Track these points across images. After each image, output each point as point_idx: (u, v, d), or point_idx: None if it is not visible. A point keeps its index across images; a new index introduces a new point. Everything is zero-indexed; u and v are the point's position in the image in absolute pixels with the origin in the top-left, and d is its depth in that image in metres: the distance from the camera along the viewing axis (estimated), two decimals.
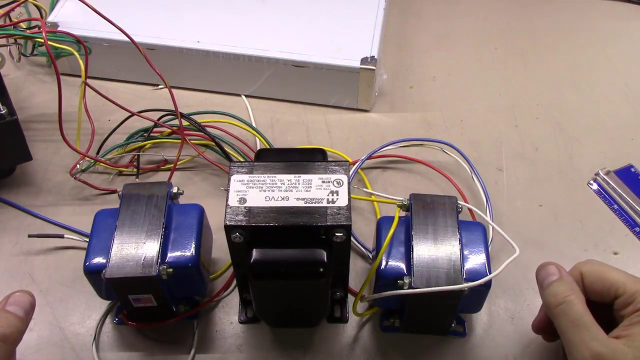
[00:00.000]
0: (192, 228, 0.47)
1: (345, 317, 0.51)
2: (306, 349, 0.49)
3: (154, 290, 0.45)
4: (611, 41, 0.73)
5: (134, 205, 0.46)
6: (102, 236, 0.46)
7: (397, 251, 0.46)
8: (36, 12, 0.63)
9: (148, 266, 0.43)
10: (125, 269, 0.43)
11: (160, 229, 0.45)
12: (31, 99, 0.65)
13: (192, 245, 0.46)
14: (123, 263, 0.43)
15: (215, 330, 0.50)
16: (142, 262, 0.44)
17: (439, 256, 0.44)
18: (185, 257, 0.45)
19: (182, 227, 0.47)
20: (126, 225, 0.45)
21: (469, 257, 0.45)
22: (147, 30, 0.62)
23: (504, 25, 0.74)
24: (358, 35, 0.63)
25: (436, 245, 0.45)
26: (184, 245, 0.46)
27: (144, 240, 0.45)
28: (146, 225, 0.45)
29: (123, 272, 0.43)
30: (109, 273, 0.43)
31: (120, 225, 0.45)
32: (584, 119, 0.65)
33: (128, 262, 0.44)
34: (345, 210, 0.41)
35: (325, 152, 0.48)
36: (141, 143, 0.60)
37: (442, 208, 0.47)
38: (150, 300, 0.45)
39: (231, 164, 0.44)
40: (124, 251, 0.44)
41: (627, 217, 0.57)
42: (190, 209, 0.48)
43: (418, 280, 0.43)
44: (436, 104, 0.66)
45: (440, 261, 0.44)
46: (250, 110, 0.64)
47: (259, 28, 0.64)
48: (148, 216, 0.46)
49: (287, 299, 0.46)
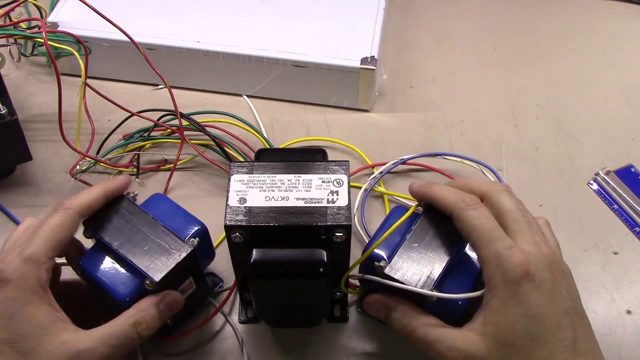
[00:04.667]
0: (176, 207, 0.48)
1: (345, 317, 0.51)
2: (306, 349, 0.49)
3: (194, 266, 0.45)
4: (611, 41, 0.73)
5: (112, 226, 0.45)
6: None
7: (392, 240, 0.45)
8: (36, 12, 0.63)
9: (179, 247, 0.43)
10: (164, 263, 0.43)
11: (156, 223, 0.45)
12: (31, 99, 0.65)
13: (190, 217, 0.47)
14: (155, 262, 0.43)
15: (215, 330, 0.50)
16: (171, 249, 0.43)
17: (423, 258, 0.44)
18: (195, 226, 0.46)
19: (167, 213, 0.47)
20: (124, 241, 0.44)
21: (454, 276, 0.44)
22: (147, 30, 0.62)
23: (504, 25, 0.74)
24: (358, 35, 0.63)
25: (427, 248, 0.44)
26: (185, 221, 0.47)
27: (150, 240, 0.44)
28: (141, 230, 0.44)
29: (166, 266, 0.43)
30: (154, 277, 0.42)
31: (119, 245, 0.44)
32: (584, 119, 0.65)
33: (160, 258, 0.43)
34: (345, 210, 0.41)
35: (325, 152, 0.48)
36: (141, 143, 0.59)
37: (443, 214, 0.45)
38: (191, 285, 0.46)
39: (231, 164, 0.44)
40: (150, 252, 0.43)
41: (627, 217, 0.57)
42: (157, 199, 0.48)
43: (391, 269, 0.43)
44: (436, 104, 0.66)
45: (422, 262, 0.43)
46: (255, 111, 0.64)
47: (259, 28, 0.64)
48: (134, 223, 0.45)
49: (287, 298, 0.46)
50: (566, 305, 0.39)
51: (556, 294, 0.39)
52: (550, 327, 0.38)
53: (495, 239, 0.40)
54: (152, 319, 0.42)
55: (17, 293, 0.39)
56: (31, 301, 0.40)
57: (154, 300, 0.43)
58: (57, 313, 0.41)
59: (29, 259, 0.40)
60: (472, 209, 0.42)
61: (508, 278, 0.39)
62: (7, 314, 0.39)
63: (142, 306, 0.43)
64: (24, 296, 0.39)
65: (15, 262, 0.40)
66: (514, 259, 0.39)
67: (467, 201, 0.42)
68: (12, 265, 0.40)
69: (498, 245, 0.40)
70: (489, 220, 0.41)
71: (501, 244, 0.40)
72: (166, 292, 0.44)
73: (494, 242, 0.40)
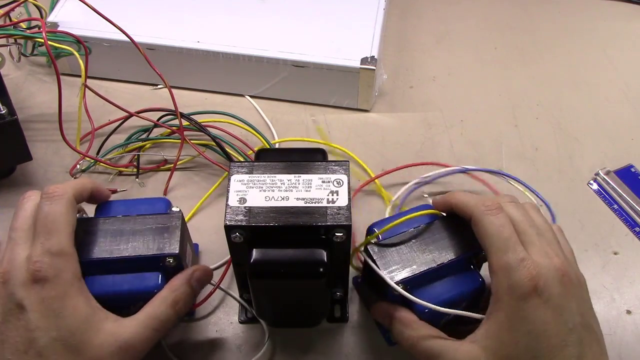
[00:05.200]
0: (131, 201, 0.47)
1: (345, 317, 0.51)
2: (306, 349, 0.49)
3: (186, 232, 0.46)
4: (611, 41, 0.73)
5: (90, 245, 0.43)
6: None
7: (399, 229, 0.45)
8: (36, 12, 0.63)
9: (169, 218, 0.44)
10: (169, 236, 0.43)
11: (130, 217, 0.45)
12: (31, 99, 0.65)
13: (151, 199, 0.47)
14: (161, 241, 0.43)
15: (215, 330, 0.50)
16: (165, 224, 0.44)
17: (410, 254, 0.43)
18: (161, 201, 0.47)
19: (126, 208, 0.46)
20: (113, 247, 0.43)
21: (437, 286, 0.43)
22: (147, 30, 0.62)
23: (504, 25, 0.74)
24: (358, 35, 0.63)
25: (422, 249, 0.44)
26: (149, 203, 0.46)
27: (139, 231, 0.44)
28: (123, 231, 0.44)
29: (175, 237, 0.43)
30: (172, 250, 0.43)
31: (114, 252, 0.43)
32: (584, 119, 0.65)
33: (162, 235, 0.43)
34: (345, 210, 0.41)
35: (325, 152, 0.48)
36: (141, 143, 0.60)
37: (455, 222, 0.45)
38: (191, 252, 0.47)
39: (231, 164, 0.44)
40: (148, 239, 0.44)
41: (627, 217, 0.57)
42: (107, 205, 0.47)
43: (373, 248, 0.44)
44: (436, 104, 0.66)
45: (406, 257, 0.43)
46: (260, 110, 0.64)
47: (259, 28, 0.64)
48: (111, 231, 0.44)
49: (287, 298, 0.46)
50: (574, 321, 0.38)
51: (565, 310, 0.38)
52: (555, 346, 0.37)
53: (508, 248, 0.39)
54: (187, 296, 0.43)
55: (57, 290, 0.38)
56: (73, 295, 0.39)
57: (184, 277, 0.43)
58: (94, 302, 0.40)
59: (59, 254, 0.39)
60: (491, 214, 0.41)
61: (515, 292, 0.38)
62: (53, 313, 0.38)
63: (174, 285, 0.43)
64: (64, 292, 0.39)
65: (47, 259, 0.39)
66: (524, 272, 0.38)
67: (489, 205, 0.41)
68: (46, 264, 0.39)
69: (509, 255, 0.39)
70: (505, 228, 0.40)
71: (513, 255, 0.39)
72: (194, 267, 0.44)
73: (506, 252, 0.39)
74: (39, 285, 0.38)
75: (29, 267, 0.39)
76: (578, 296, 0.39)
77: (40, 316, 0.38)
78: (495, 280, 0.39)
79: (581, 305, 0.39)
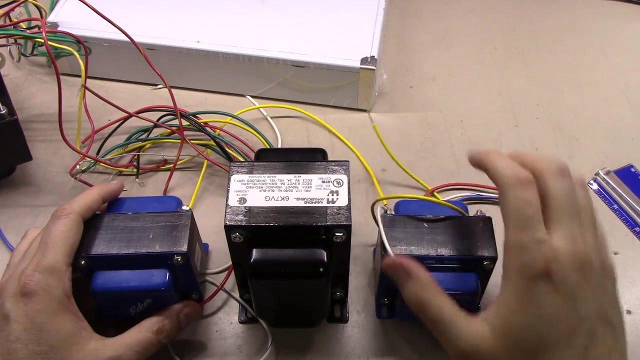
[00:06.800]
0: (142, 198, 0.48)
1: (345, 317, 0.51)
2: (306, 349, 0.49)
3: (196, 230, 0.47)
4: (611, 41, 0.73)
5: (101, 240, 0.44)
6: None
7: (424, 209, 0.46)
8: (36, 12, 0.63)
9: (179, 217, 0.45)
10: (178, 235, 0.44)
11: (141, 215, 0.45)
12: (31, 99, 0.65)
13: (162, 198, 0.50)
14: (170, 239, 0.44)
15: (215, 330, 0.50)
16: (174, 222, 0.44)
17: (417, 236, 0.44)
18: (173, 200, 0.48)
19: (138, 205, 0.47)
20: (124, 244, 0.43)
21: (441, 274, 0.43)
22: (147, 30, 0.62)
23: (504, 25, 0.74)
24: (358, 35, 0.63)
25: (440, 236, 0.44)
26: (159, 201, 0.47)
27: (148, 228, 0.44)
28: (133, 228, 0.44)
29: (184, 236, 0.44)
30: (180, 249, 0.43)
31: (124, 248, 0.43)
32: (584, 119, 0.65)
33: (172, 234, 0.44)
34: (345, 210, 0.41)
35: (325, 152, 0.48)
36: (141, 143, 0.59)
37: (475, 226, 0.45)
38: (199, 251, 0.48)
39: (231, 164, 0.44)
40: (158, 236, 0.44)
41: (627, 217, 0.57)
42: (118, 201, 0.48)
43: (385, 214, 0.45)
44: (436, 104, 0.66)
45: (412, 237, 0.44)
46: (260, 110, 0.64)
47: (259, 28, 0.64)
48: (122, 227, 0.44)
49: (287, 298, 0.46)
50: (588, 310, 0.36)
51: (579, 297, 0.36)
52: (563, 332, 0.36)
53: (527, 227, 0.36)
54: (172, 327, 0.45)
55: (44, 305, 0.39)
56: (59, 312, 0.40)
57: (175, 309, 0.45)
58: (81, 322, 0.41)
59: (50, 270, 0.40)
60: (520, 188, 0.37)
61: (525, 272, 0.36)
62: (36, 327, 0.39)
63: (163, 315, 0.44)
64: (51, 307, 0.40)
65: (37, 274, 0.40)
66: (538, 255, 0.36)
67: (521, 178, 0.37)
68: (36, 278, 0.40)
69: (527, 234, 0.36)
70: (530, 206, 0.37)
71: (530, 235, 0.36)
72: (186, 302, 0.46)
73: (524, 230, 0.36)
74: (26, 299, 0.39)
75: (20, 281, 0.40)
76: (598, 285, 0.37)
77: (23, 329, 0.39)
78: (506, 257, 0.37)
79: (600, 295, 0.37)
